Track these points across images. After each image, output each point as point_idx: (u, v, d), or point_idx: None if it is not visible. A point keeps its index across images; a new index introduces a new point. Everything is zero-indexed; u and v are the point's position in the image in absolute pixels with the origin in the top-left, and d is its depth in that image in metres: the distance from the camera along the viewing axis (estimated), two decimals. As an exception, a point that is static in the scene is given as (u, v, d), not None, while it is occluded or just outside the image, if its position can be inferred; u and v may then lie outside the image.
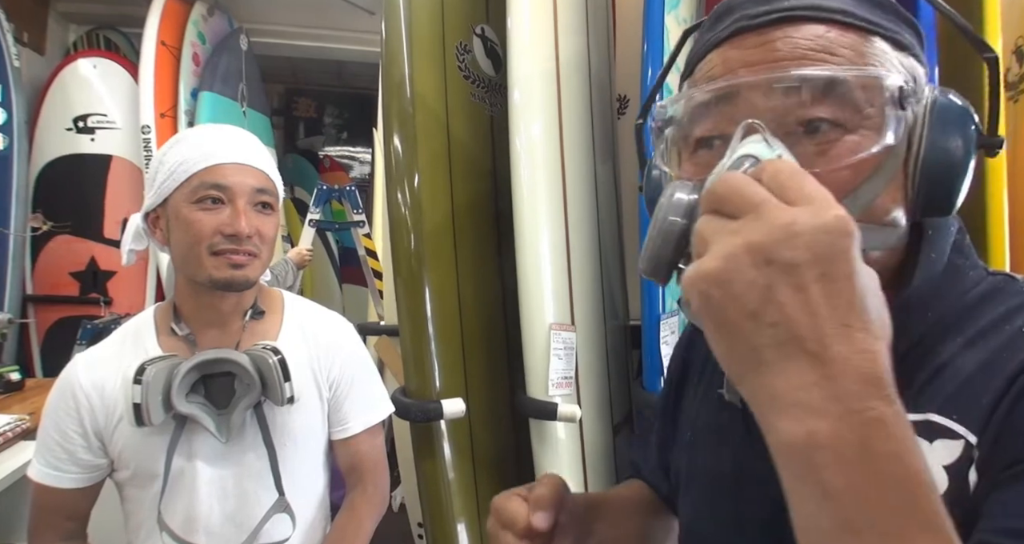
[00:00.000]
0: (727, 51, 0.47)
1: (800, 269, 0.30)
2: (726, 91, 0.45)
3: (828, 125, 0.43)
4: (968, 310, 0.44)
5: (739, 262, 0.31)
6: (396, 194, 1.16)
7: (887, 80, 0.43)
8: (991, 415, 0.38)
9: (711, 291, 0.32)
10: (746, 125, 0.42)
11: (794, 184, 0.32)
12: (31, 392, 1.92)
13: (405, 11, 1.17)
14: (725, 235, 0.32)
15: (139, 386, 0.82)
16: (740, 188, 0.33)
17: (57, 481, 0.90)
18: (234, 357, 0.88)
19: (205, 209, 0.87)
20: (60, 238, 2.90)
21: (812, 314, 0.30)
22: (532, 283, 1.13)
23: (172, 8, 2.91)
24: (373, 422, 1.05)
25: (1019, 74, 1.59)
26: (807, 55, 0.44)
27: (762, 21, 0.45)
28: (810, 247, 0.30)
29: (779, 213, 0.31)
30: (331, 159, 5.19)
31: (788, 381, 0.30)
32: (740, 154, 0.39)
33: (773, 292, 0.30)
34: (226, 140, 0.91)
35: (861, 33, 0.45)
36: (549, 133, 1.16)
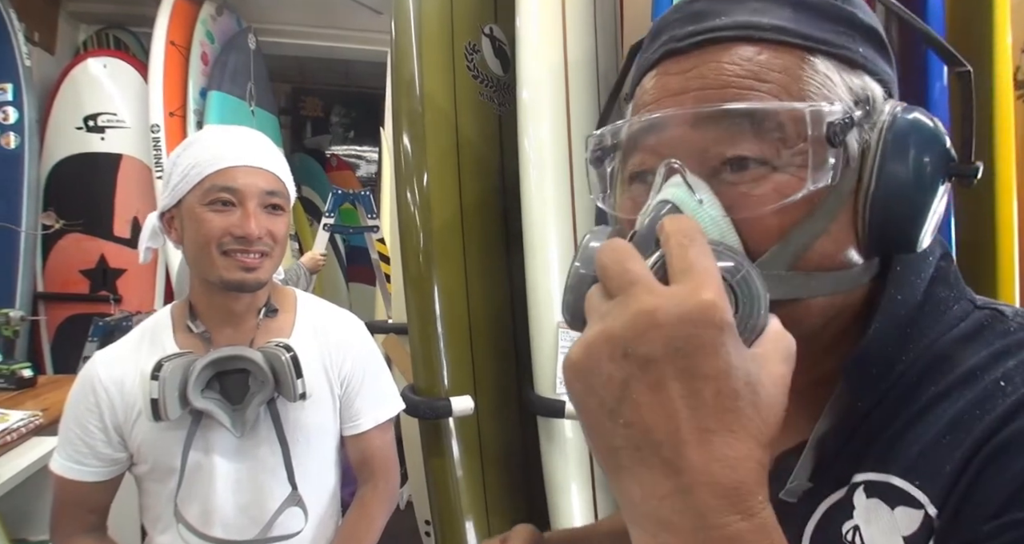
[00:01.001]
0: (657, 77, 0.43)
1: (657, 365, 0.27)
2: (651, 124, 0.41)
3: (754, 163, 0.38)
4: (947, 352, 0.39)
5: (599, 353, 0.28)
6: (405, 193, 1.17)
7: (820, 110, 0.37)
8: (953, 486, 0.34)
9: (574, 383, 0.29)
10: (667, 165, 0.38)
11: (680, 251, 0.30)
12: (43, 388, 1.94)
13: (415, 11, 1.18)
14: (595, 319, 0.30)
15: (156, 382, 0.85)
16: (620, 262, 0.30)
17: (79, 474, 0.92)
18: (248, 354, 0.91)
19: (216, 211, 0.89)
20: (71, 236, 2.92)
21: (668, 416, 0.27)
22: (540, 281, 1.13)
23: (181, 8, 2.92)
24: (384, 418, 1.06)
25: (1028, 73, 1.58)
26: (733, 83, 0.38)
27: (688, 43, 0.41)
28: (669, 340, 0.27)
29: (645, 299, 0.28)
30: (338, 158, 5.20)
31: (643, 490, 0.28)
32: (659, 199, 0.37)
33: (629, 389, 0.27)
34: (237, 143, 0.93)
35: (798, 53, 0.39)
36: (557, 132, 1.17)
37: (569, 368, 0.29)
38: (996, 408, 0.34)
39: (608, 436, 0.28)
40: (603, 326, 0.28)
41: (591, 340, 0.28)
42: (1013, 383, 0.35)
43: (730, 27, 0.40)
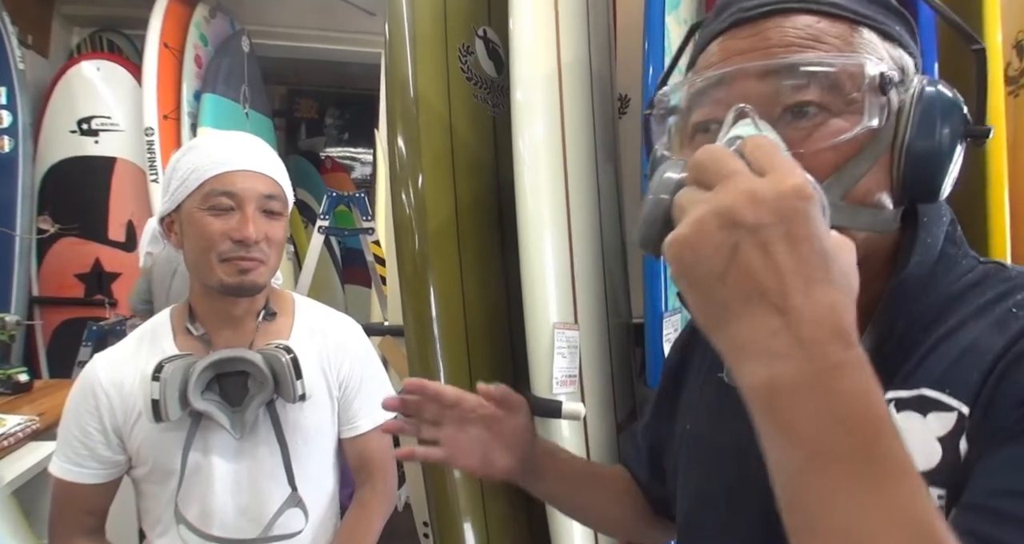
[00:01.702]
0: (724, 41, 0.50)
1: (764, 229, 0.32)
2: (720, 78, 0.48)
3: (814, 109, 0.45)
4: (960, 294, 0.47)
5: (707, 225, 0.33)
6: (400, 194, 1.17)
7: (871, 67, 0.45)
8: (981, 387, 0.40)
9: (683, 254, 0.34)
10: (737, 110, 0.45)
11: (764, 156, 0.34)
12: (39, 393, 1.93)
13: (408, 13, 1.18)
14: (697, 203, 0.34)
15: (157, 383, 0.85)
16: (717, 159, 0.35)
17: (78, 477, 0.93)
18: (248, 356, 0.91)
19: (215, 215, 0.90)
20: (66, 240, 2.92)
21: (775, 270, 0.32)
22: (536, 282, 1.14)
23: (174, 10, 2.92)
24: (382, 420, 1.06)
25: (1019, 68, 1.59)
26: (796, 43, 0.46)
27: (756, 13, 0.48)
28: (774, 210, 0.32)
29: (746, 181, 0.33)
30: (333, 160, 5.20)
31: (754, 330, 0.32)
32: (730, 136, 0.42)
33: (738, 251, 0.32)
34: (236, 147, 0.94)
35: (850, 24, 0.47)
36: (551, 133, 1.17)
37: (677, 242, 0.34)
38: (1012, 328, 0.42)
39: (719, 292, 0.33)
40: (710, 205, 0.33)
41: (700, 216, 0.33)
42: (1022, 310, 0.43)
43: (794, 0, 0.47)
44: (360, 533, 1.03)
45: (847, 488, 0.30)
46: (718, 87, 0.48)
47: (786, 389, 0.31)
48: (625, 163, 1.50)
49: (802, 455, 0.31)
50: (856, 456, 0.31)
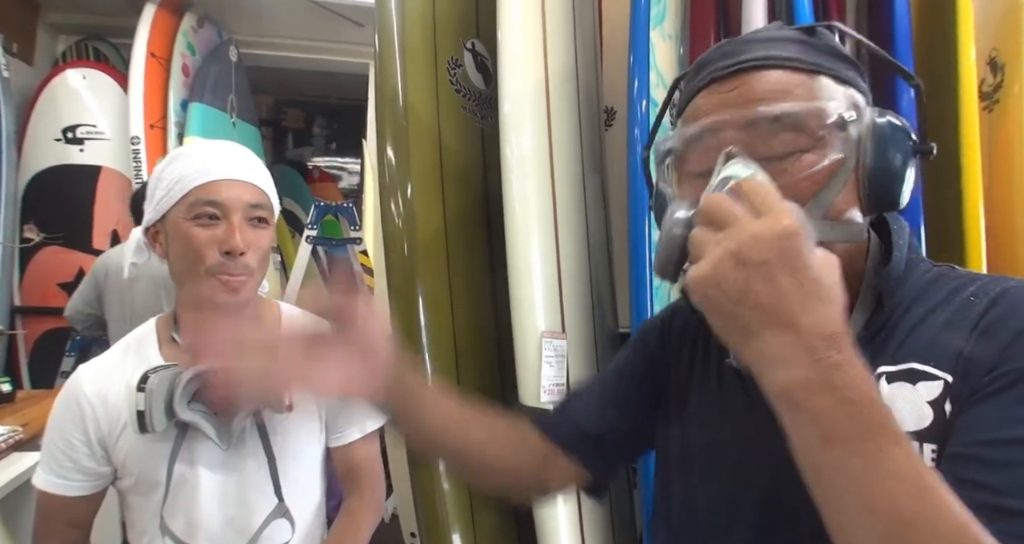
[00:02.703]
0: (705, 97, 0.58)
1: (766, 265, 0.40)
2: (707, 128, 0.56)
3: (788, 149, 0.53)
4: (925, 288, 0.56)
5: (724, 265, 0.41)
6: (390, 205, 1.18)
7: (831, 109, 0.53)
8: (958, 358, 0.49)
9: (707, 291, 0.42)
10: (726, 153, 0.52)
11: (759, 199, 0.43)
12: (22, 403, 1.91)
13: (398, 27, 1.20)
14: (711, 245, 0.43)
15: (143, 394, 0.84)
16: (719, 206, 0.44)
17: (62, 489, 0.91)
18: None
19: (201, 225, 0.89)
20: (49, 249, 2.88)
21: (780, 297, 0.40)
22: (523, 291, 1.15)
23: (162, 19, 2.92)
24: (370, 429, 1.06)
25: (993, 84, 1.63)
26: (768, 96, 0.54)
27: (730, 71, 0.56)
28: (772, 249, 0.40)
29: (747, 226, 0.42)
30: (320, 170, 5.19)
31: (771, 345, 0.41)
32: (722, 176, 0.49)
33: (750, 284, 0.41)
34: (221, 156, 0.93)
35: (809, 74, 0.55)
36: (539, 144, 1.19)
37: (700, 279, 0.42)
38: (974, 310, 0.52)
39: (739, 318, 0.42)
40: (721, 248, 0.41)
41: (715, 259, 0.42)
42: (978, 297, 0.53)
43: (760, 58, 0.56)
44: (348, 542, 1.03)
45: (857, 459, 0.39)
46: (706, 135, 0.56)
47: (801, 387, 0.41)
48: (611, 174, 1.52)
49: (819, 437, 0.41)
50: (860, 434, 0.40)
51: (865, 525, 0.40)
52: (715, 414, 0.64)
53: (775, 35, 0.59)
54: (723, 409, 0.63)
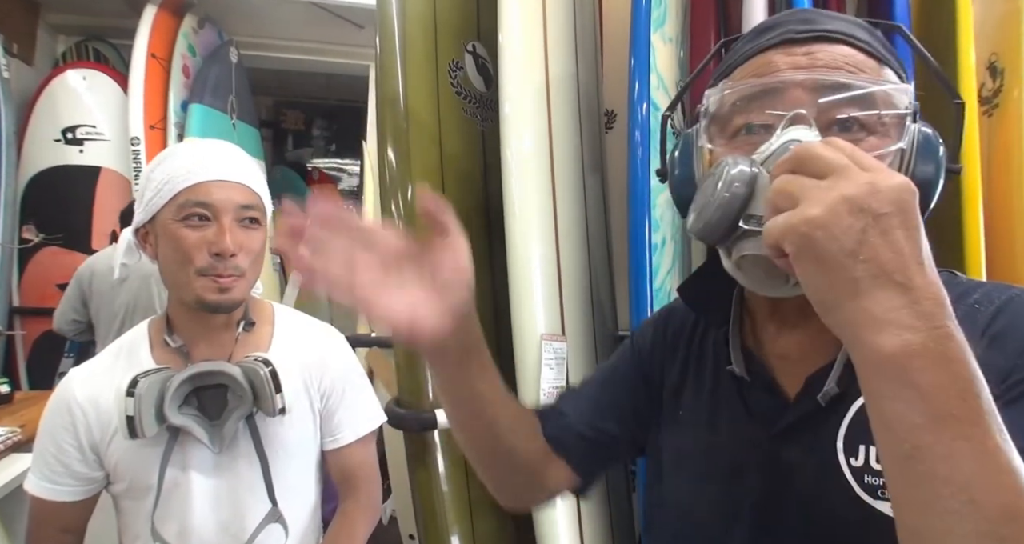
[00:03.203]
0: (773, 55, 0.55)
1: (887, 217, 0.37)
2: (776, 85, 0.53)
3: (857, 125, 0.51)
4: None
5: (839, 210, 0.37)
6: (390, 206, 1.18)
7: (903, 97, 0.52)
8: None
9: (815, 233, 0.38)
10: (795, 114, 0.50)
11: (860, 154, 0.40)
12: (20, 404, 1.91)
13: (399, 29, 1.20)
14: (819, 190, 0.39)
15: (132, 399, 0.83)
16: (824, 153, 0.40)
17: (54, 494, 0.91)
18: (226, 369, 0.89)
19: (191, 226, 0.88)
20: (48, 250, 2.88)
21: (898, 253, 0.37)
22: (523, 293, 1.15)
23: (162, 20, 2.92)
24: (365, 431, 1.05)
25: (992, 89, 1.64)
26: (842, 67, 0.52)
27: (806, 36, 0.54)
28: (892, 201, 0.37)
29: (862, 173, 0.38)
30: (320, 171, 5.20)
31: (882, 305, 0.37)
32: (788, 138, 0.48)
33: (866, 234, 0.37)
34: (211, 156, 0.91)
35: (878, 61, 0.54)
36: (539, 147, 1.19)
37: (808, 223, 0.38)
38: (981, 318, 0.50)
39: (848, 271, 0.37)
40: (837, 192, 0.38)
41: (830, 200, 0.38)
42: (984, 304, 0.51)
43: (839, 32, 0.54)
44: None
45: (964, 445, 0.35)
46: (771, 94, 0.53)
47: (916, 354, 0.36)
48: (611, 177, 1.53)
49: (928, 416, 0.36)
50: (970, 417, 0.36)
51: (964, 524, 0.35)
52: (710, 418, 0.63)
53: (846, 18, 0.57)
54: (718, 413, 0.62)
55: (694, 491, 0.63)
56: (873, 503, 0.50)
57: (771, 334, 0.60)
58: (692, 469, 0.63)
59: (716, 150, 0.57)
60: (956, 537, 0.35)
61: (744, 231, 0.48)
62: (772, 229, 0.40)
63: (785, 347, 0.59)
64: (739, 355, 0.61)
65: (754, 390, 0.60)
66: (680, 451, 0.65)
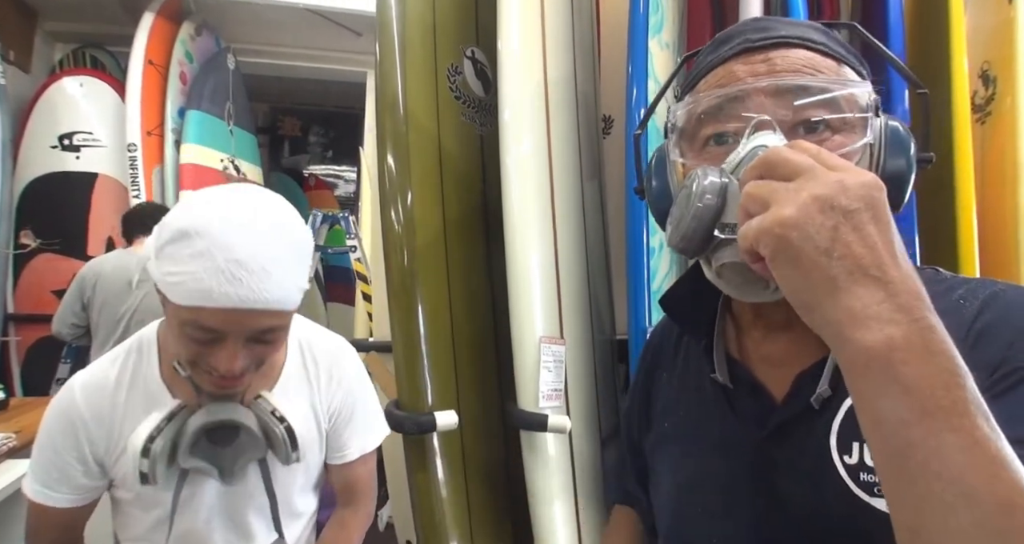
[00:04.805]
0: (733, 65, 0.56)
1: (857, 213, 0.38)
2: (738, 94, 0.54)
3: (821, 125, 0.52)
4: None
5: (810, 209, 0.38)
6: (390, 212, 1.18)
7: (863, 93, 0.53)
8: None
9: (789, 234, 0.38)
10: (758, 121, 0.51)
11: (826, 155, 0.41)
12: (15, 411, 1.90)
13: (398, 34, 1.20)
14: (789, 192, 0.39)
15: (147, 459, 0.80)
16: (791, 156, 0.41)
17: (54, 501, 0.88)
18: (242, 419, 0.85)
19: (194, 339, 0.76)
20: (43, 256, 2.87)
21: (870, 248, 0.37)
22: (522, 297, 1.15)
23: (160, 27, 2.93)
24: (370, 448, 1.04)
25: (985, 97, 1.66)
26: (801, 69, 0.54)
27: (763, 44, 0.55)
28: (861, 197, 0.38)
29: (829, 173, 0.39)
30: (316, 178, 5.20)
31: (862, 301, 0.37)
32: (755, 144, 0.48)
33: (839, 231, 0.37)
34: (234, 275, 0.71)
35: (837, 61, 0.55)
36: (538, 152, 1.19)
37: (781, 223, 0.38)
38: (966, 313, 0.50)
39: (825, 269, 0.38)
40: (806, 192, 0.38)
41: (800, 201, 0.38)
42: (968, 300, 0.51)
43: (794, 37, 0.55)
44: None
45: (953, 437, 0.35)
46: (734, 103, 0.54)
47: (899, 348, 0.36)
48: (609, 182, 1.53)
49: (915, 408, 0.36)
50: (957, 408, 0.35)
51: (961, 518, 0.34)
52: (699, 427, 0.64)
53: (801, 22, 0.59)
54: (708, 421, 0.63)
55: (690, 497, 0.63)
56: (869, 500, 0.50)
57: (756, 340, 0.61)
58: (686, 477, 0.64)
59: (688, 163, 0.58)
60: (954, 533, 0.34)
61: (721, 240, 0.48)
62: (746, 234, 0.41)
63: (770, 351, 0.60)
64: (722, 363, 0.62)
65: (740, 396, 0.60)
66: (673, 461, 0.66)
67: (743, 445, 0.58)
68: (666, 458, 0.67)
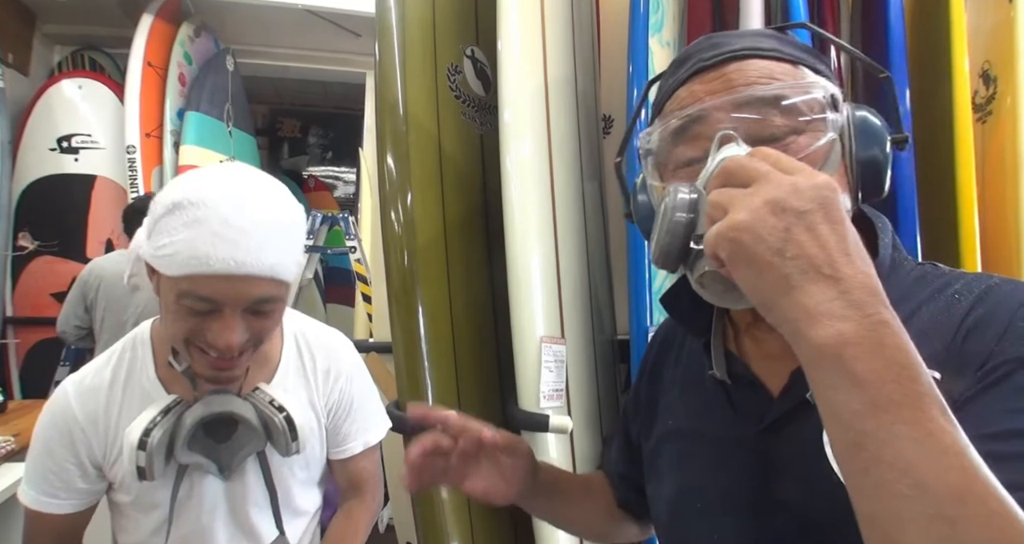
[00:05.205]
0: (691, 86, 0.58)
1: (809, 214, 0.39)
2: (698, 114, 0.55)
3: (784, 130, 0.53)
4: (910, 287, 0.56)
5: (762, 212, 0.39)
6: (390, 212, 1.18)
7: (820, 91, 0.54)
8: (947, 355, 0.48)
9: (742, 237, 0.40)
10: (721, 136, 0.52)
11: (784, 160, 0.42)
12: (13, 414, 1.89)
13: (398, 34, 1.20)
14: (744, 198, 0.41)
15: (144, 452, 0.79)
16: (747, 163, 0.42)
17: (51, 508, 0.87)
18: (239, 410, 0.84)
19: (189, 312, 0.75)
20: (42, 259, 2.87)
21: (822, 247, 0.38)
22: (523, 296, 1.15)
23: (159, 29, 2.93)
24: (372, 442, 1.03)
25: (986, 96, 1.65)
26: (756, 80, 0.55)
27: (715, 61, 0.57)
28: (813, 198, 0.39)
29: (783, 177, 0.40)
30: (316, 179, 5.20)
31: (814, 298, 0.38)
32: (720, 158, 0.49)
33: (791, 233, 0.39)
34: (230, 234, 0.72)
35: (791, 64, 0.57)
36: (538, 151, 1.19)
37: (735, 227, 0.40)
38: (960, 308, 0.51)
39: (778, 268, 0.39)
40: (759, 197, 0.40)
41: (752, 206, 0.40)
42: (963, 294, 0.52)
43: (744, 48, 0.57)
44: (348, 540, 1.02)
45: (905, 429, 0.36)
46: (696, 122, 0.55)
47: (851, 342, 0.37)
48: (609, 181, 1.53)
49: (866, 401, 0.37)
50: (909, 400, 0.36)
51: (913, 507, 0.35)
52: (699, 422, 0.65)
53: (751, 32, 0.61)
54: (707, 417, 0.64)
55: (689, 493, 0.64)
56: None
57: (754, 337, 0.62)
58: (685, 473, 0.65)
59: (665, 185, 0.59)
60: (906, 521, 0.35)
61: (697, 252, 0.49)
62: (708, 240, 0.42)
63: (767, 347, 0.61)
64: (721, 359, 0.63)
65: (738, 391, 0.61)
66: (674, 458, 0.67)
67: (742, 440, 0.59)
68: (667, 454, 0.68)
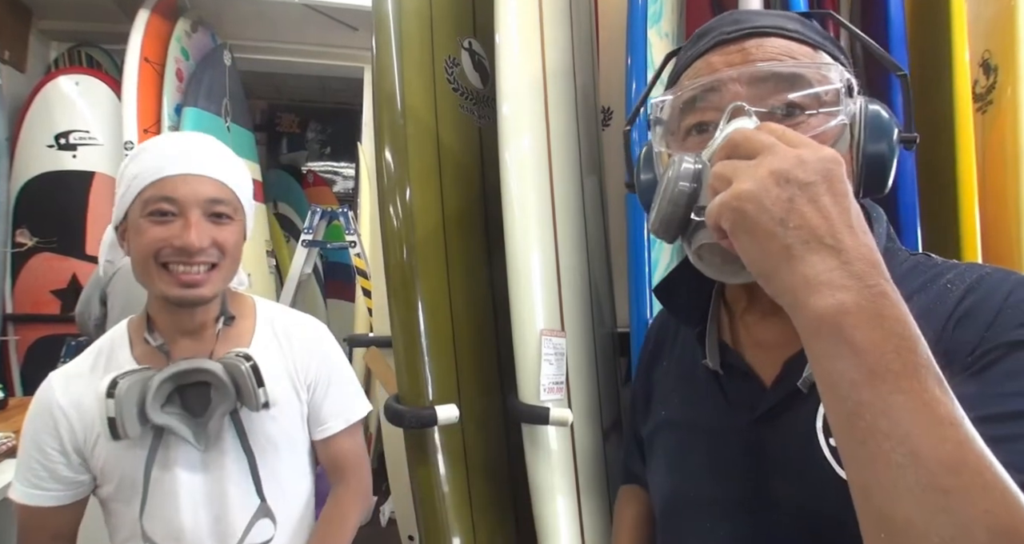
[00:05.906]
0: (710, 57, 0.58)
1: (812, 186, 0.39)
2: (714, 84, 0.56)
3: (797, 109, 0.54)
4: (902, 278, 0.55)
5: (766, 183, 0.40)
6: (388, 206, 1.18)
7: (837, 77, 0.54)
8: (938, 343, 0.48)
9: (746, 206, 0.40)
10: (733, 108, 0.52)
11: (790, 134, 0.43)
12: (13, 411, 1.89)
13: (395, 27, 1.19)
14: (749, 168, 0.41)
15: (112, 400, 0.82)
16: (753, 136, 0.43)
17: (40, 500, 0.89)
18: (207, 366, 0.88)
19: (156, 222, 0.86)
20: (41, 256, 2.86)
21: (825, 218, 0.39)
22: (523, 289, 1.14)
23: (155, 24, 2.91)
24: (353, 419, 1.07)
25: (986, 86, 1.65)
26: (776, 56, 0.56)
27: (737, 34, 0.57)
28: (817, 171, 0.40)
29: (789, 149, 0.41)
30: (314, 174, 5.18)
31: (815, 268, 0.39)
32: (730, 129, 0.49)
33: (795, 203, 0.39)
34: (178, 150, 0.89)
35: (812, 47, 0.58)
36: (537, 144, 1.19)
37: (739, 197, 0.41)
38: (952, 297, 0.52)
39: (780, 238, 0.40)
40: (764, 167, 0.40)
41: (757, 176, 0.40)
42: (955, 284, 0.53)
43: (768, 26, 0.57)
44: (335, 527, 1.02)
45: (902, 398, 0.36)
46: (711, 92, 0.56)
47: (851, 312, 0.37)
48: (608, 174, 1.53)
49: (864, 370, 0.37)
50: (907, 371, 0.36)
51: (908, 476, 0.35)
52: (694, 412, 0.65)
53: (775, 12, 0.61)
54: (701, 407, 0.64)
55: (683, 482, 0.65)
56: None
57: (748, 325, 0.63)
58: (680, 463, 0.66)
59: (672, 154, 0.60)
60: (901, 490, 0.35)
61: (697, 223, 0.49)
62: (711, 211, 0.43)
63: (762, 336, 0.61)
64: (714, 350, 0.64)
65: (731, 380, 0.62)
66: (668, 448, 0.68)
67: (734, 430, 0.60)
68: (662, 445, 0.69)
